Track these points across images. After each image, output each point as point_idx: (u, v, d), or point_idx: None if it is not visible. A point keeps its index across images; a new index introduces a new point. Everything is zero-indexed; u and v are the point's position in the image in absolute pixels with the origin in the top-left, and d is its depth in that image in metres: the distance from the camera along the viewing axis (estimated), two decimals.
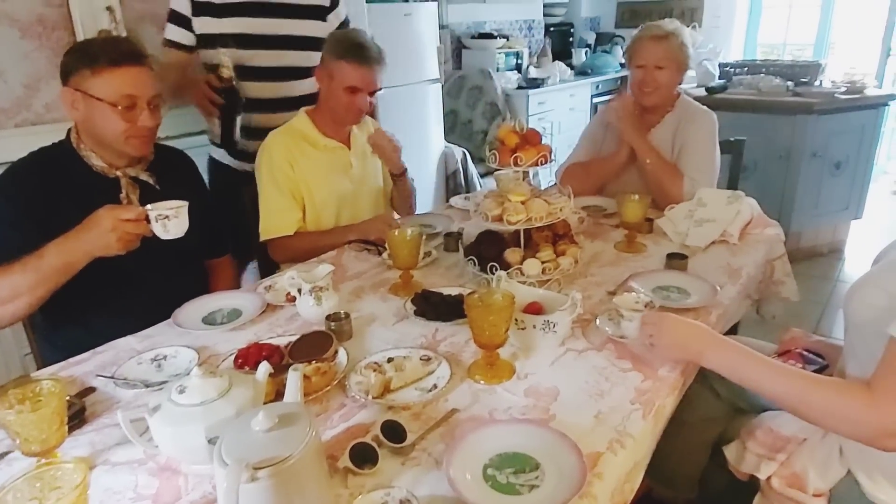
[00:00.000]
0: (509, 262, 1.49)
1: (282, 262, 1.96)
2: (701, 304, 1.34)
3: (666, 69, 1.96)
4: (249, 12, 1.98)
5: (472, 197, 2.21)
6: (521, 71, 4.79)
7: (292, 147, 1.88)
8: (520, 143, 1.47)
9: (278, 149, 1.87)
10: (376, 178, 2.09)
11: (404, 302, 1.41)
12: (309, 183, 1.89)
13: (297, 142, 1.89)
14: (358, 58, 1.82)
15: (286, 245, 1.90)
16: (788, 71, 3.53)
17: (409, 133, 3.54)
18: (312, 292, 1.35)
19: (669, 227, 1.78)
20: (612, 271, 1.58)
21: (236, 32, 1.95)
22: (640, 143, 1.96)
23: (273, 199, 1.88)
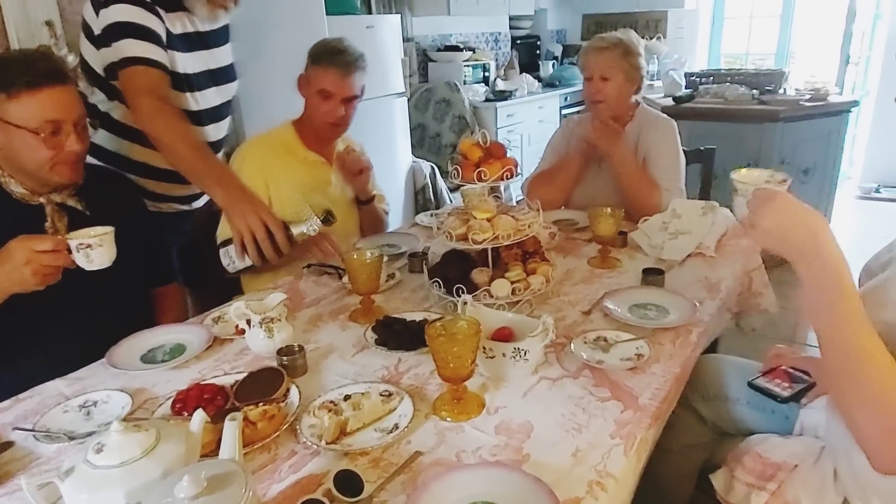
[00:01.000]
0: (476, 284, 1.39)
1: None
2: (681, 322, 1.27)
3: (612, 80, 1.92)
4: (197, 45, 1.77)
5: (439, 214, 2.12)
6: (489, 83, 4.75)
7: (271, 157, 1.79)
8: (483, 157, 1.38)
9: (254, 162, 1.78)
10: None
11: (365, 330, 1.30)
12: (283, 195, 1.79)
13: (276, 151, 1.81)
14: (330, 62, 1.75)
15: None
16: (753, 79, 3.55)
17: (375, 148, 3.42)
18: (263, 324, 1.23)
19: (644, 241, 1.71)
20: (585, 289, 1.49)
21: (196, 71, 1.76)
22: (618, 154, 1.89)
23: None
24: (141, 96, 1.50)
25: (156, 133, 1.48)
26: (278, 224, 1.38)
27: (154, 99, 1.50)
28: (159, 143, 1.49)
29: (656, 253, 1.66)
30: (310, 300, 1.53)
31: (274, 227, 1.37)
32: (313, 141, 1.86)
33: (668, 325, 1.26)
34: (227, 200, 1.40)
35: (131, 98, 1.52)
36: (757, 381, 1.20)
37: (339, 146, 1.95)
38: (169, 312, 1.66)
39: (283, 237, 1.38)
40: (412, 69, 4.50)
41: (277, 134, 1.86)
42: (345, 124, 1.86)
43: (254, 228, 1.35)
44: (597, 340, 1.21)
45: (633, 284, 1.49)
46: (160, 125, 1.48)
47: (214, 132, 1.85)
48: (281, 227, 1.38)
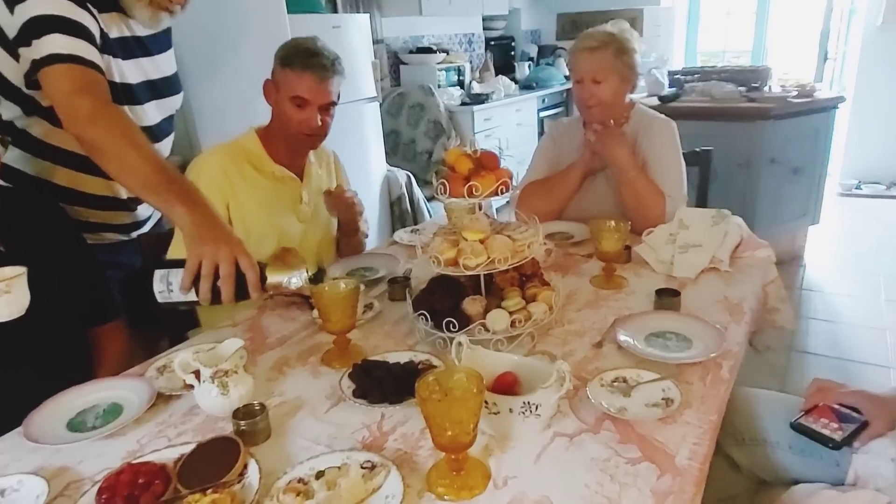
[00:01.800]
0: (469, 315, 1.20)
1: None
2: (708, 354, 1.09)
3: (606, 82, 1.74)
4: (135, 51, 1.51)
5: (420, 230, 1.92)
6: (464, 87, 4.57)
7: (231, 170, 1.57)
8: (474, 169, 1.19)
9: (212, 175, 1.55)
10: (329, 218, 1.78)
11: (340, 377, 1.10)
12: (245, 215, 1.58)
13: (239, 163, 1.59)
14: (305, 65, 1.53)
15: None
16: (739, 76, 3.43)
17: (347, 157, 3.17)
18: (215, 379, 1.02)
19: (650, 255, 1.53)
20: (592, 315, 1.31)
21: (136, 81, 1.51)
22: (622, 157, 1.71)
23: None
24: (77, 96, 1.22)
25: (98, 139, 1.20)
26: (252, 263, 1.11)
27: (95, 99, 1.24)
28: (101, 153, 1.21)
29: (665, 270, 1.49)
30: (274, 340, 1.32)
31: (247, 265, 1.10)
32: (282, 153, 1.65)
33: (695, 360, 1.08)
34: (193, 221, 1.13)
35: (63, 99, 1.24)
36: (801, 422, 1.03)
37: (312, 158, 1.74)
38: (110, 356, 1.43)
39: (255, 279, 1.11)
40: (383, 72, 4.29)
41: (240, 144, 1.64)
42: (322, 134, 1.65)
43: (220, 261, 1.09)
44: (615, 382, 1.03)
45: (645, 308, 1.31)
46: (103, 129, 1.20)
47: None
48: (255, 268, 1.11)
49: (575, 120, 1.97)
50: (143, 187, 1.18)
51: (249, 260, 1.11)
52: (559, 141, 1.95)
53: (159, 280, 1.15)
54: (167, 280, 1.15)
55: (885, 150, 4.82)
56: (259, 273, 1.12)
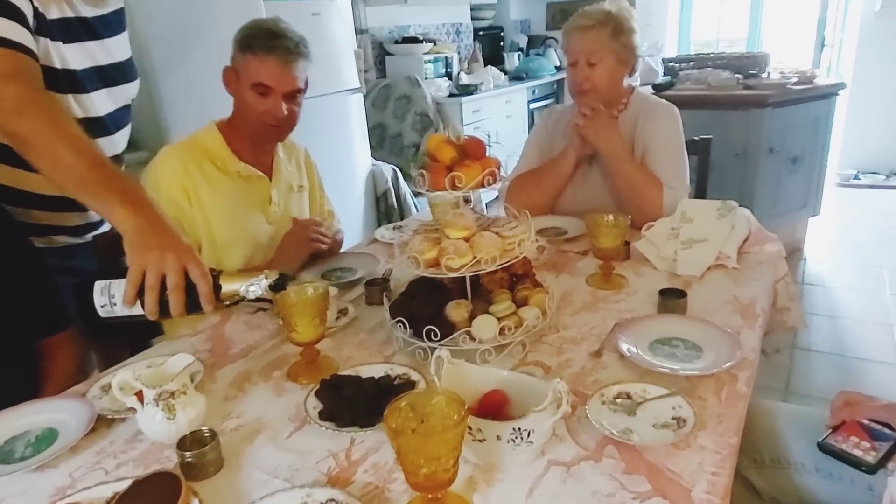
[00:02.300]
0: (453, 322, 1.07)
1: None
2: (722, 364, 0.96)
3: (601, 64, 1.61)
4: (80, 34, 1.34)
5: (403, 227, 1.79)
6: (452, 78, 4.43)
7: (192, 168, 1.43)
8: (457, 158, 1.06)
9: (171, 170, 1.42)
10: (301, 216, 1.64)
11: (306, 395, 0.96)
12: (210, 218, 1.45)
13: (199, 161, 1.45)
14: (267, 49, 1.39)
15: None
16: (736, 63, 3.32)
17: (329, 151, 3.09)
18: (160, 400, 0.88)
19: (651, 252, 1.41)
20: (590, 319, 1.18)
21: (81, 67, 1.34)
22: (612, 147, 1.59)
23: None
24: (2, 83, 1.08)
25: (25, 132, 1.06)
26: (204, 272, 0.97)
27: (23, 86, 1.09)
28: (29, 147, 1.07)
29: (668, 267, 1.36)
30: (237, 350, 1.18)
31: (197, 274, 0.96)
32: (247, 149, 1.51)
33: (708, 372, 0.95)
34: (135, 225, 0.98)
35: None
36: (829, 443, 0.91)
37: (280, 153, 1.60)
38: (60, 370, 1.29)
39: (208, 291, 0.96)
40: (368, 64, 4.14)
41: (199, 141, 1.49)
42: (289, 125, 1.51)
43: (165, 270, 0.95)
44: (618, 399, 0.90)
45: (648, 311, 1.19)
46: (30, 121, 1.05)
47: (108, 146, 1.44)
48: (208, 278, 0.97)
49: (569, 107, 1.84)
50: (77, 186, 1.04)
51: (201, 268, 0.97)
52: (552, 130, 1.83)
53: (100, 293, 1.01)
54: (109, 292, 1.01)
55: (884, 140, 4.73)
56: (212, 283, 0.98)
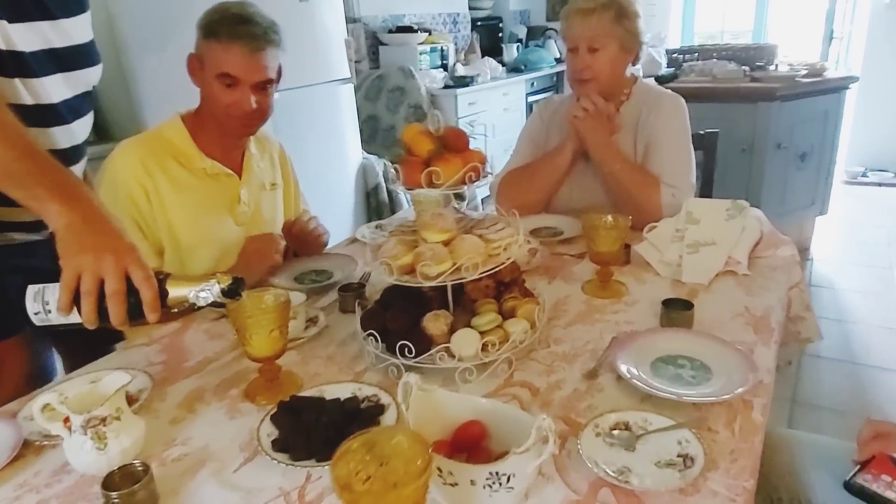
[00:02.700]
0: (431, 336, 0.95)
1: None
2: (734, 388, 0.84)
3: (603, 50, 1.48)
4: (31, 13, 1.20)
5: (385, 226, 1.66)
6: (448, 69, 4.29)
7: (152, 165, 1.31)
8: (435, 151, 0.94)
9: (129, 167, 1.30)
10: (274, 218, 1.52)
11: (261, 420, 0.85)
12: (172, 220, 1.32)
13: (160, 157, 1.32)
14: (232, 35, 1.26)
15: None
16: (743, 55, 3.19)
17: (317, 144, 2.96)
18: (88, 428, 0.77)
19: (653, 255, 1.29)
20: (584, 332, 1.06)
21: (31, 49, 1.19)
22: (601, 148, 1.48)
23: None
24: None
25: None
26: (148, 276, 0.85)
27: None
28: None
29: (672, 273, 1.24)
30: (193, 364, 1.07)
31: (140, 279, 0.84)
32: (214, 144, 1.38)
33: (719, 398, 0.84)
34: (69, 223, 0.87)
35: None
36: (858, 482, 0.79)
37: (253, 148, 1.47)
38: (5, 380, 1.18)
39: (152, 298, 0.84)
40: (360, 54, 4.01)
41: (162, 135, 1.37)
42: (259, 118, 1.38)
43: (103, 274, 0.83)
44: (615, 430, 0.78)
45: (650, 323, 1.07)
46: None
47: (65, 137, 1.31)
48: (152, 283, 0.85)
49: (567, 98, 1.72)
50: (3, 178, 0.91)
51: (144, 272, 0.85)
52: (548, 121, 1.70)
53: (33, 298, 0.89)
54: (43, 298, 0.89)
55: (893, 136, 4.60)
56: (157, 288, 0.86)
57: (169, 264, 1.35)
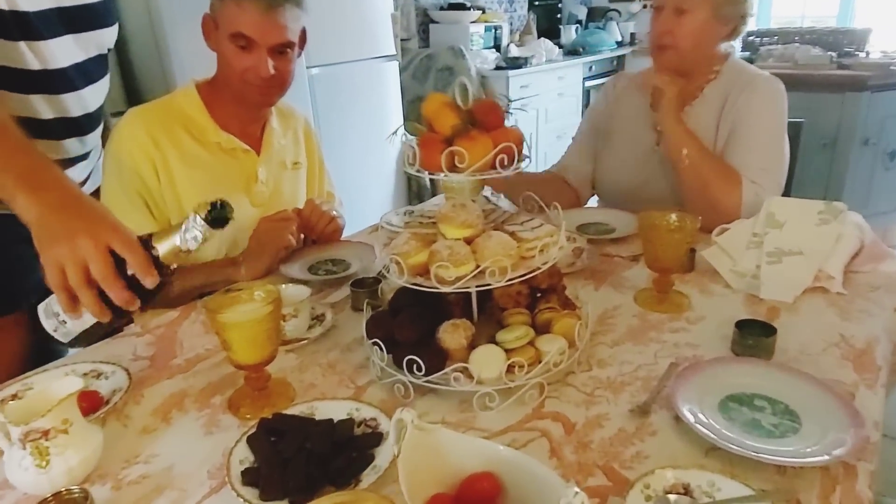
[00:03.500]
0: (447, 350, 0.79)
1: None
2: (833, 448, 0.65)
3: (690, 14, 1.26)
4: None
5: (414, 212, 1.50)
6: (501, 50, 4.08)
7: (161, 136, 1.19)
8: (461, 127, 0.76)
9: (135, 139, 1.18)
10: (295, 200, 1.38)
11: (237, 440, 0.71)
12: (182, 198, 1.21)
13: (170, 129, 1.20)
14: None
15: None
16: (829, 39, 2.86)
17: (357, 123, 2.82)
18: (27, 442, 0.64)
19: (724, 264, 1.08)
20: (635, 354, 0.88)
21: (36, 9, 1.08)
22: (672, 126, 1.27)
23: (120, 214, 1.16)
24: None
25: None
26: (129, 241, 0.74)
27: None
28: None
29: (746, 286, 1.04)
30: (181, 362, 0.94)
31: (122, 246, 0.73)
32: (230, 116, 1.25)
33: (813, 461, 0.64)
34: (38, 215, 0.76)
35: None
36: None
37: (274, 122, 1.34)
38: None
39: (140, 262, 0.73)
40: (410, 32, 3.84)
41: (175, 104, 1.24)
42: (278, 86, 1.23)
43: (87, 260, 0.72)
44: (671, 494, 0.60)
45: (718, 349, 0.88)
46: None
47: (76, 104, 1.21)
48: (134, 247, 0.74)
49: (645, 73, 1.46)
50: None
51: (123, 239, 0.73)
52: (615, 101, 1.48)
53: (45, 315, 0.80)
54: (53, 311, 0.79)
55: None
56: (142, 251, 0.74)
57: None
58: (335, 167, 2.93)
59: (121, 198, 1.18)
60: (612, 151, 1.46)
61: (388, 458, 0.66)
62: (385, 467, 0.65)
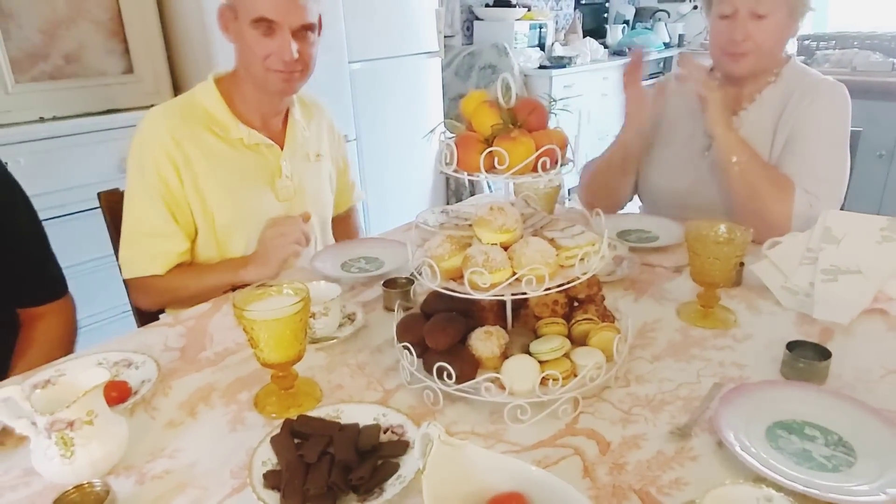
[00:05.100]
0: (479, 359, 0.76)
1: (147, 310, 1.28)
2: (888, 489, 0.60)
3: (769, 17, 1.20)
4: None
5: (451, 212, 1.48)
6: (545, 49, 4.02)
7: (184, 137, 1.18)
8: (502, 128, 0.73)
9: (156, 139, 1.17)
10: (319, 193, 1.37)
11: (260, 440, 0.69)
12: (207, 199, 1.20)
13: (193, 128, 1.19)
14: None
15: (151, 287, 1.21)
16: (892, 44, 2.71)
17: (397, 119, 2.82)
18: (53, 432, 0.64)
19: (775, 280, 1.03)
20: (676, 371, 0.84)
21: None
22: (723, 132, 1.21)
23: (140, 216, 1.19)
24: None
25: None
26: None
27: None
28: None
29: (798, 305, 0.98)
30: (210, 355, 0.94)
31: None
32: (252, 110, 1.24)
33: (868, 500, 0.59)
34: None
35: None
36: None
37: (297, 114, 1.32)
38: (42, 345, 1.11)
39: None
40: (454, 28, 3.82)
41: (195, 101, 1.23)
42: (302, 72, 1.21)
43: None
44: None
45: (766, 371, 0.83)
46: None
47: None
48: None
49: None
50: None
51: None
52: (666, 100, 1.43)
53: None
54: None
55: None
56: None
57: (203, 247, 1.23)
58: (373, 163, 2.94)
59: (143, 198, 1.18)
60: (659, 155, 1.40)
61: (414, 469, 0.63)
62: (410, 478, 0.63)
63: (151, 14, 2.08)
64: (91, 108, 1.97)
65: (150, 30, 2.08)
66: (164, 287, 1.21)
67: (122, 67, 2.06)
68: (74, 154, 1.88)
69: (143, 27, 2.07)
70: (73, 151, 1.88)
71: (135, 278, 1.21)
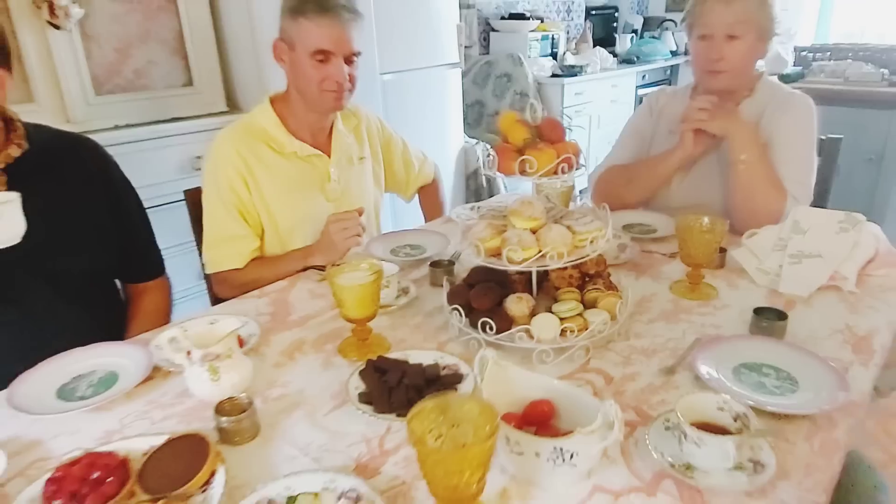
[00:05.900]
0: (512, 317, 1.00)
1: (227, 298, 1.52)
2: (821, 406, 0.82)
3: (741, 39, 1.40)
4: None
5: (480, 208, 1.72)
6: (557, 58, 4.25)
7: (249, 155, 1.41)
8: (530, 140, 0.97)
9: (226, 158, 1.40)
10: (363, 190, 1.60)
11: (350, 374, 0.93)
12: (270, 205, 1.44)
13: (255, 146, 1.42)
14: (321, 10, 1.33)
15: (232, 279, 1.45)
16: (884, 56, 2.91)
17: (421, 126, 3.06)
18: (205, 361, 0.88)
19: (750, 262, 1.25)
20: (667, 330, 1.06)
21: None
22: (738, 130, 1.38)
23: (219, 223, 1.42)
24: None
25: None
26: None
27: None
28: None
29: (769, 282, 1.20)
30: (296, 318, 1.18)
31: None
32: (303, 125, 1.46)
33: (801, 411, 0.82)
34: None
35: None
36: None
37: (340, 124, 1.53)
38: (147, 315, 1.35)
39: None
40: (471, 39, 4.06)
41: (255, 122, 1.45)
42: (351, 88, 1.43)
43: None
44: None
45: (738, 330, 1.05)
46: None
47: None
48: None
49: (682, 90, 1.64)
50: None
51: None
52: (659, 114, 1.64)
53: None
54: None
55: None
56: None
57: (269, 245, 1.47)
58: None
59: (219, 208, 1.41)
60: None
61: (468, 393, 0.87)
62: None
63: (208, 35, 2.35)
64: (157, 116, 2.23)
65: (207, 48, 2.35)
66: (243, 278, 1.43)
67: (183, 80, 2.32)
68: (144, 156, 2.13)
69: (202, 46, 2.33)
70: (143, 155, 2.13)
71: (218, 272, 1.45)
